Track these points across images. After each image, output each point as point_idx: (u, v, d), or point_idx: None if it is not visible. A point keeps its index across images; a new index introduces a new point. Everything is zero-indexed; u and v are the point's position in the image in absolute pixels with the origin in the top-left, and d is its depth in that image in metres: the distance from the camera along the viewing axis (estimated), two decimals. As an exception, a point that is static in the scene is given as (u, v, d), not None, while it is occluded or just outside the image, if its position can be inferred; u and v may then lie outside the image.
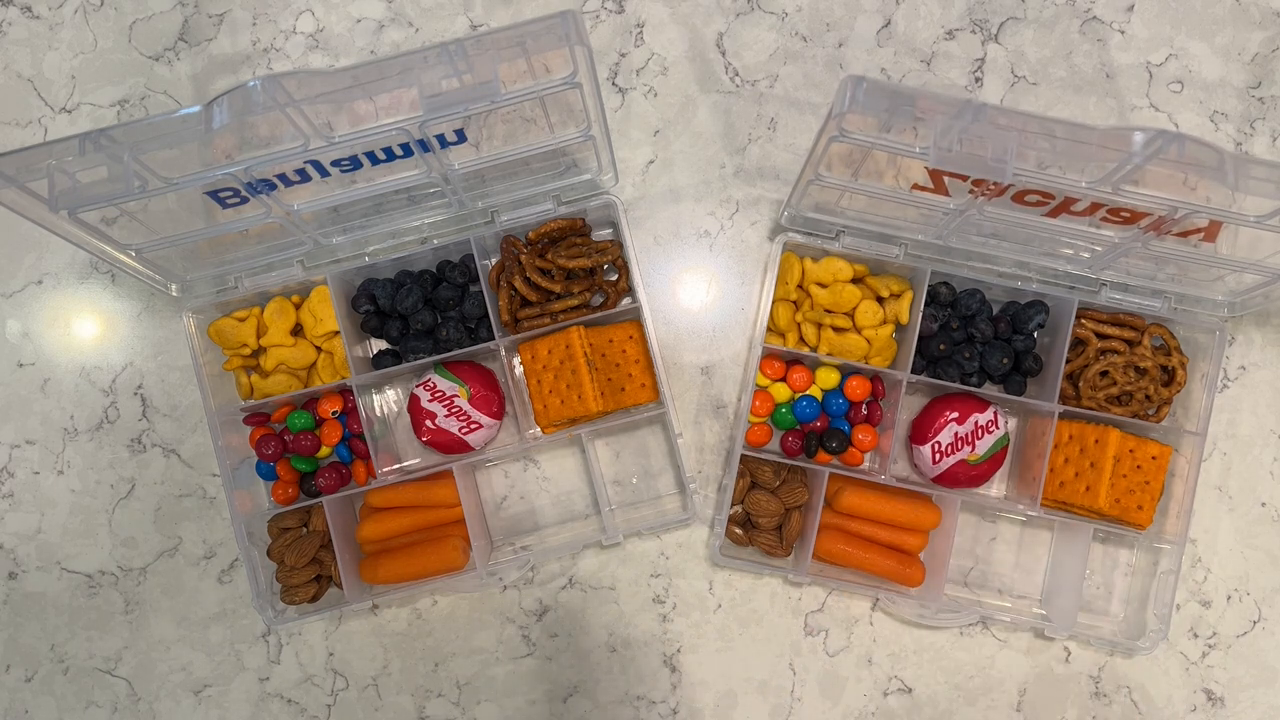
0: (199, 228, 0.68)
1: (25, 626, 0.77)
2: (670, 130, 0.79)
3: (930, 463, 0.73)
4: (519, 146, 0.68)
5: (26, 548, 0.77)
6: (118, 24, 0.80)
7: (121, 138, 0.55)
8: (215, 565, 0.77)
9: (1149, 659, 0.75)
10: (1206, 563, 0.76)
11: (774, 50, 0.79)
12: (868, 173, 0.66)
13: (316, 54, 0.80)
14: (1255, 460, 0.77)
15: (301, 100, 0.55)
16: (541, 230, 0.74)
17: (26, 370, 0.78)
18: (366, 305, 0.75)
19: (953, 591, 0.76)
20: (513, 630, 0.76)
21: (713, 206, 0.78)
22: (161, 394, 0.78)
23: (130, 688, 0.76)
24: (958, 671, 0.75)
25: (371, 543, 0.74)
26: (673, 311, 0.78)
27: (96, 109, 0.79)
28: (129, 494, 0.77)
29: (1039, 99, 0.79)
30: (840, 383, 0.75)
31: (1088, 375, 0.73)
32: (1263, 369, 0.77)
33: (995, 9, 0.80)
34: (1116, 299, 0.74)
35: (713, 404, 0.77)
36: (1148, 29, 0.79)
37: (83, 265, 0.79)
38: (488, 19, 0.80)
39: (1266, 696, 0.75)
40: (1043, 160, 0.58)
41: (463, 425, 0.73)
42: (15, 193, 0.56)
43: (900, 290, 0.74)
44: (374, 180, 0.67)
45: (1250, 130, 0.79)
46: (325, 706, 0.76)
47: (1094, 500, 0.71)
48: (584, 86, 0.59)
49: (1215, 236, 0.63)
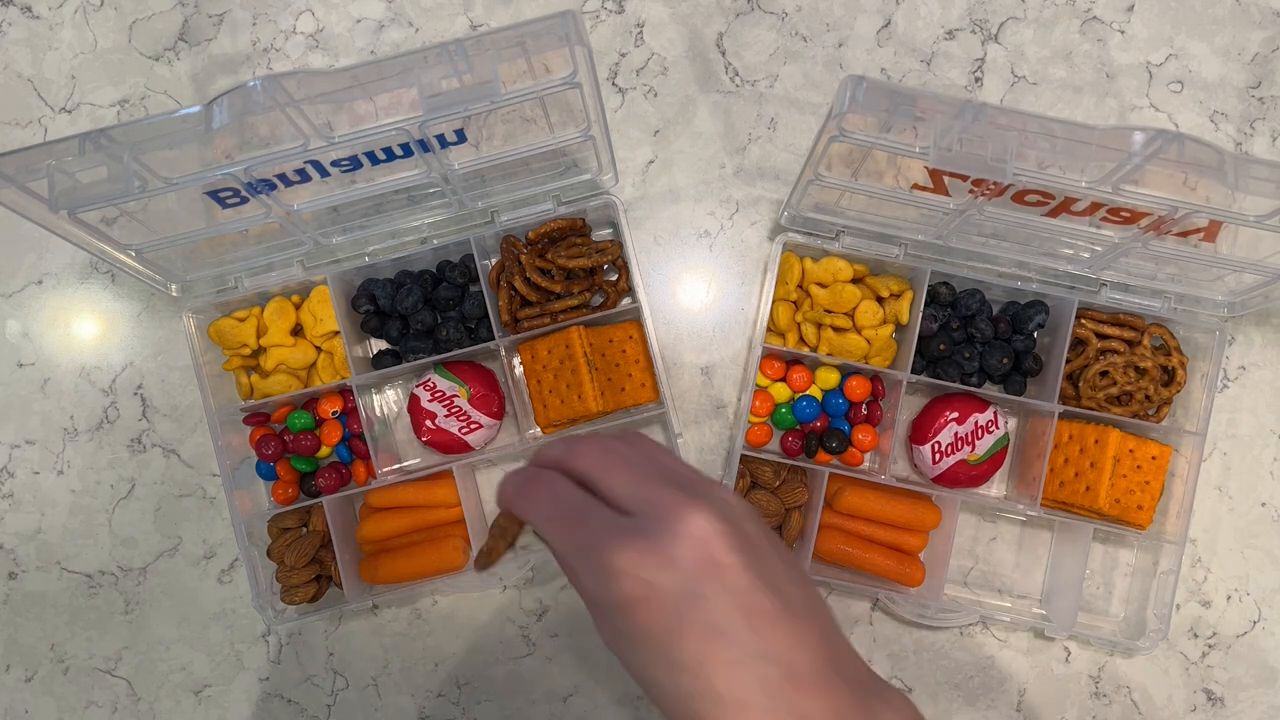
0: (199, 228, 0.68)
1: (25, 626, 0.77)
2: (670, 130, 0.79)
3: (930, 463, 0.73)
4: (519, 146, 0.68)
5: (26, 548, 0.77)
6: (118, 24, 0.80)
7: (121, 138, 0.55)
8: (215, 565, 0.77)
9: (1149, 659, 0.75)
10: (1206, 563, 0.76)
11: (774, 50, 0.79)
12: (868, 173, 0.66)
13: (316, 54, 0.80)
14: (1255, 460, 0.77)
15: (301, 100, 0.55)
16: (541, 230, 0.74)
17: (26, 370, 0.78)
18: (366, 305, 0.75)
19: (953, 591, 0.76)
20: (513, 630, 0.76)
21: (713, 206, 0.78)
22: (161, 394, 0.78)
23: (130, 688, 0.76)
24: (958, 671, 0.75)
25: (371, 543, 0.74)
26: (673, 311, 0.78)
27: (96, 109, 0.79)
28: (129, 494, 0.77)
29: (1039, 99, 0.79)
30: (840, 383, 0.75)
31: (1088, 375, 0.73)
32: (1263, 369, 0.77)
33: (995, 9, 0.80)
34: (1116, 299, 0.74)
35: (713, 404, 0.77)
36: (1148, 29, 0.79)
37: (83, 265, 0.79)
38: (488, 19, 0.80)
39: (1266, 696, 0.75)
40: (1043, 160, 0.58)
41: (463, 425, 0.73)
42: (15, 193, 0.56)
43: (900, 290, 0.74)
44: (374, 180, 0.67)
45: (1250, 130, 0.79)
46: (325, 706, 0.76)
47: (1094, 500, 0.71)
48: (584, 86, 0.59)
49: (1215, 236, 0.63)
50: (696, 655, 0.41)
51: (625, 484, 0.44)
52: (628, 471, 0.44)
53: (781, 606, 0.41)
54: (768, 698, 0.40)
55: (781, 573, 0.43)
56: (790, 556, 0.45)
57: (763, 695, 0.40)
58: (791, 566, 0.44)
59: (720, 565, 0.41)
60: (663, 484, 0.43)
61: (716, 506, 0.42)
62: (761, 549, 0.43)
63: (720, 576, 0.41)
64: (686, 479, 0.45)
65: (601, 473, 0.45)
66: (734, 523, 0.42)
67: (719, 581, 0.41)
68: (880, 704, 0.42)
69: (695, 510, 0.41)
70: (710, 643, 0.40)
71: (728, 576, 0.41)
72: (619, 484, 0.44)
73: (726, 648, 0.40)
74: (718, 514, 0.42)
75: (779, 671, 0.40)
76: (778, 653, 0.41)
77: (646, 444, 0.47)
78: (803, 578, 0.44)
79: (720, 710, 0.40)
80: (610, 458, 0.45)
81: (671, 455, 0.47)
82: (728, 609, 0.41)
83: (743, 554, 0.41)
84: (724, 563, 0.41)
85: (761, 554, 0.42)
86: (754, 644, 0.41)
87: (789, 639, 0.41)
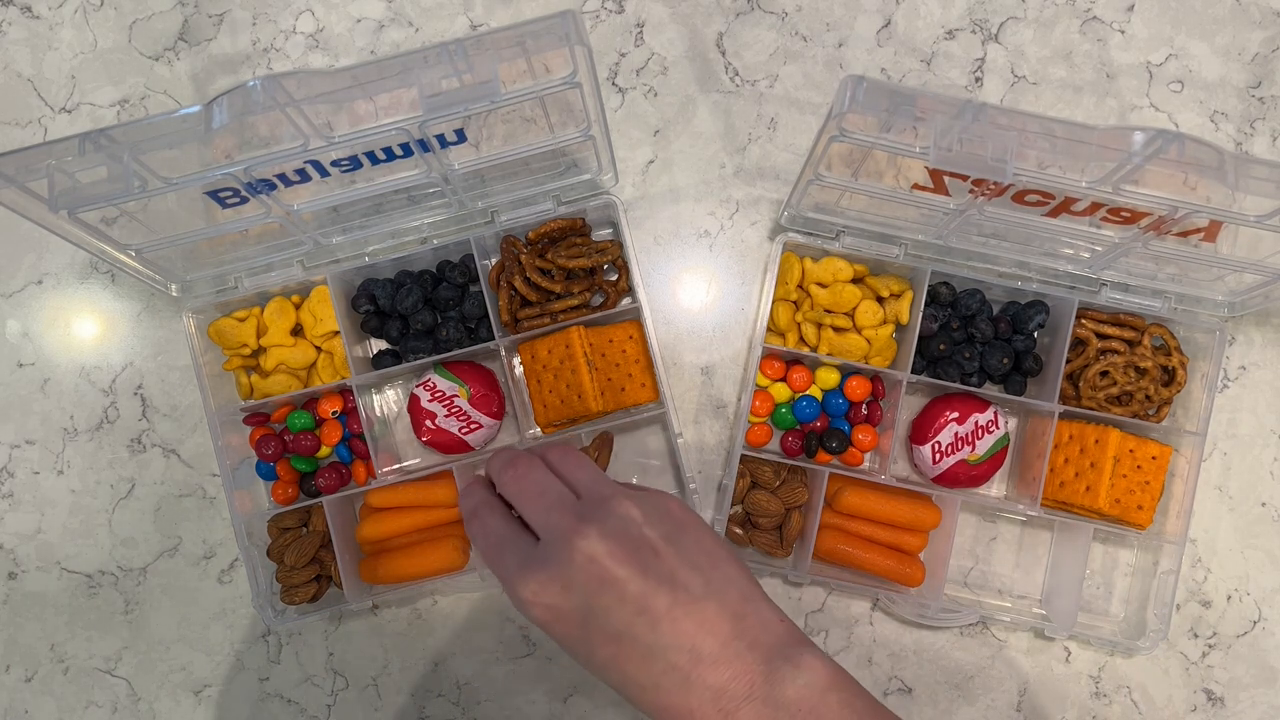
0: (199, 228, 0.68)
1: (25, 626, 0.77)
2: (670, 130, 0.79)
3: (930, 463, 0.73)
4: (519, 146, 0.68)
5: (26, 548, 0.77)
6: (118, 24, 0.80)
7: (121, 138, 0.55)
8: (215, 565, 0.77)
9: (1149, 659, 0.75)
10: (1206, 563, 0.76)
11: (774, 50, 0.79)
12: (868, 173, 0.66)
13: (316, 54, 0.80)
14: (1255, 460, 0.77)
15: (301, 100, 0.55)
16: (541, 230, 0.74)
17: (26, 370, 0.78)
18: (366, 305, 0.75)
19: (953, 591, 0.76)
20: (513, 630, 0.76)
21: (713, 206, 0.78)
22: (161, 394, 0.78)
23: (130, 688, 0.76)
24: (958, 671, 0.75)
25: (371, 543, 0.74)
26: (673, 311, 0.78)
27: (96, 109, 0.79)
28: (129, 494, 0.77)
29: (1039, 99, 0.79)
30: (840, 383, 0.75)
31: (1088, 375, 0.73)
32: (1263, 369, 0.77)
33: (995, 9, 0.80)
34: (1117, 299, 0.74)
35: (713, 404, 0.77)
36: (1148, 29, 0.79)
37: (83, 265, 0.79)
38: (488, 19, 0.80)
39: (1266, 696, 0.75)
40: (1043, 160, 0.58)
41: (463, 425, 0.73)
42: (15, 193, 0.56)
43: (900, 290, 0.74)
44: (374, 180, 0.67)
45: (1250, 130, 0.79)
46: (325, 706, 0.76)
47: (1094, 500, 0.71)
48: (584, 86, 0.59)
49: (1215, 236, 0.63)
50: (608, 659, 0.47)
51: (535, 513, 0.50)
52: (538, 500, 0.51)
53: (680, 599, 0.47)
54: (678, 680, 0.46)
55: (683, 563, 0.48)
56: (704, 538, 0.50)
57: (673, 679, 0.46)
58: (700, 550, 0.49)
59: (613, 580, 0.47)
60: (563, 510, 0.49)
61: (610, 524, 0.48)
62: (658, 550, 0.48)
63: (614, 589, 0.47)
64: (597, 495, 0.50)
65: (518, 501, 0.52)
66: (627, 535, 0.48)
67: (614, 594, 0.47)
68: (786, 665, 0.46)
69: (584, 536, 0.47)
70: (617, 647, 0.47)
71: (621, 588, 0.46)
72: (530, 513, 0.51)
73: (632, 648, 0.47)
74: (609, 532, 0.47)
75: (686, 657, 0.46)
76: (680, 641, 0.46)
77: (570, 461, 0.53)
78: (711, 559, 0.49)
79: (644, 694, 0.47)
80: (524, 485, 0.52)
81: (589, 470, 0.53)
82: (626, 616, 0.46)
83: (633, 565, 0.47)
84: (616, 577, 0.47)
85: (659, 555, 0.48)
86: (654, 640, 0.46)
87: (691, 625, 0.46)
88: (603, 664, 0.48)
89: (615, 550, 0.47)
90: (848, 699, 0.47)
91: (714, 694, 0.45)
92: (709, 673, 0.46)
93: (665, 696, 0.46)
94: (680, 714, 0.46)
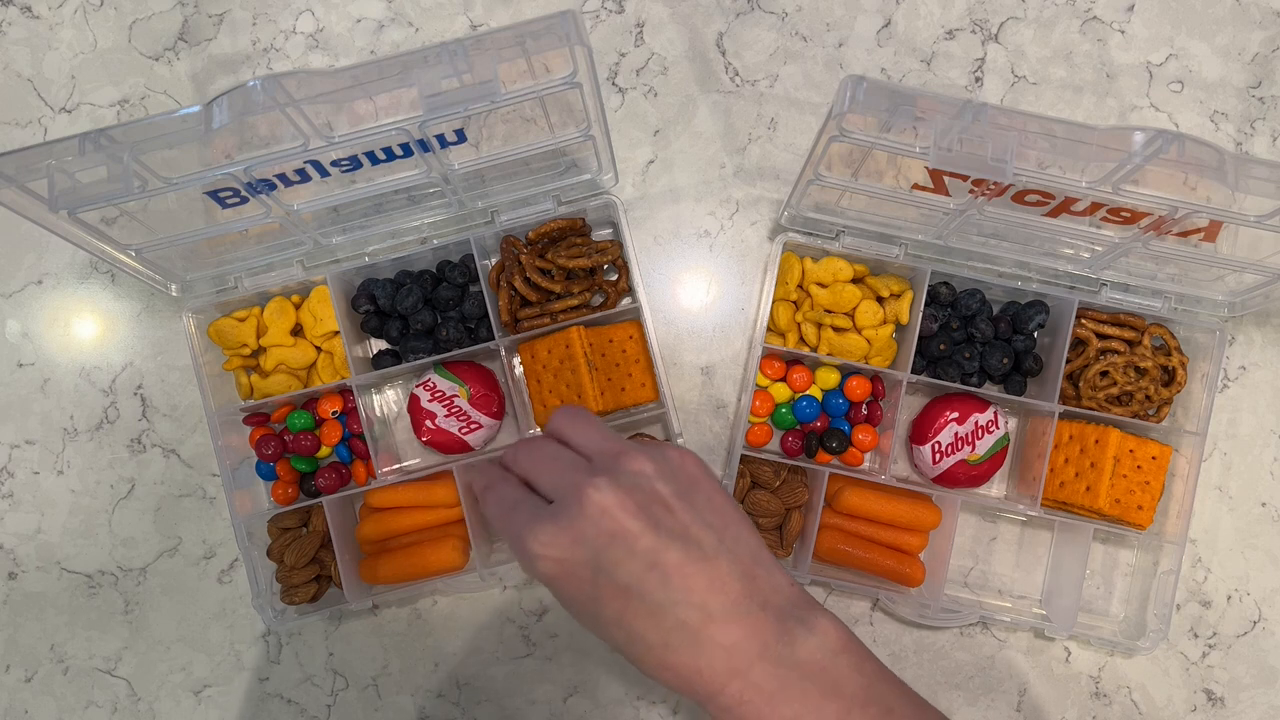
0: (199, 228, 0.68)
1: (25, 626, 0.77)
2: (670, 130, 0.79)
3: (930, 463, 0.73)
4: (519, 146, 0.68)
5: (26, 548, 0.77)
6: (118, 24, 0.80)
7: (121, 138, 0.55)
8: (215, 565, 0.77)
9: (1149, 659, 0.75)
10: (1206, 563, 0.76)
11: (774, 50, 0.79)
12: (868, 173, 0.67)
13: (316, 54, 0.80)
14: (1255, 460, 0.77)
15: (301, 100, 0.55)
16: (541, 230, 0.74)
17: (26, 370, 0.78)
18: (366, 305, 0.75)
19: (953, 591, 0.76)
20: (513, 630, 0.76)
21: (713, 206, 0.78)
22: (161, 394, 0.78)
23: (130, 688, 0.76)
24: (958, 671, 0.75)
25: (371, 543, 0.74)
26: (673, 311, 0.78)
27: (96, 109, 0.79)
28: (129, 494, 0.77)
29: (1039, 99, 0.79)
30: (840, 383, 0.75)
31: (1088, 375, 0.73)
32: (1263, 369, 0.77)
33: (995, 9, 0.80)
34: (1117, 299, 0.74)
35: (713, 404, 0.77)
36: (1148, 29, 0.79)
37: (83, 265, 0.79)
38: (488, 19, 0.80)
39: (1266, 696, 0.75)
40: (1043, 160, 0.58)
41: (463, 425, 0.73)
42: (15, 193, 0.56)
43: (900, 290, 0.74)
44: (374, 180, 0.67)
45: (1250, 130, 0.79)
46: (325, 706, 0.76)
47: (1094, 500, 0.71)
48: (584, 86, 0.59)
49: (1215, 236, 0.63)
50: (616, 614, 0.46)
51: (548, 476, 0.50)
52: (550, 464, 0.50)
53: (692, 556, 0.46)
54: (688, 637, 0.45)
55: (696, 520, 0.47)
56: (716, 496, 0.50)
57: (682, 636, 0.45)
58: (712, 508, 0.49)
59: (624, 533, 0.46)
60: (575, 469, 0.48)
61: (623, 478, 0.47)
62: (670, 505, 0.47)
63: (626, 542, 0.46)
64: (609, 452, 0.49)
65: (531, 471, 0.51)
66: (639, 489, 0.47)
67: (625, 547, 0.46)
68: (799, 627, 0.46)
69: (596, 488, 0.46)
70: (626, 602, 0.46)
71: (632, 541, 0.46)
72: (544, 478, 0.50)
73: (641, 603, 0.46)
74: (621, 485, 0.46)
75: (696, 614, 0.45)
76: (691, 598, 0.45)
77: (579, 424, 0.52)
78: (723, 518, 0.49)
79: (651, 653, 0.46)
80: (536, 454, 0.51)
81: (600, 430, 0.52)
82: (637, 570, 0.45)
83: (644, 519, 0.46)
84: (628, 530, 0.46)
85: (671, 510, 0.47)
86: (665, 595, 0.45)
87: (702, 582, 0.46)
88: (610, 620, 0.46)
89: (627, 503, 0.46)
90: (858, 662, 0.47)
91: (725, 652, 0.45)
92: (720, 631, 0.45)
93: (673, 655, 0.45)
94: (688, 674, 0.45)
